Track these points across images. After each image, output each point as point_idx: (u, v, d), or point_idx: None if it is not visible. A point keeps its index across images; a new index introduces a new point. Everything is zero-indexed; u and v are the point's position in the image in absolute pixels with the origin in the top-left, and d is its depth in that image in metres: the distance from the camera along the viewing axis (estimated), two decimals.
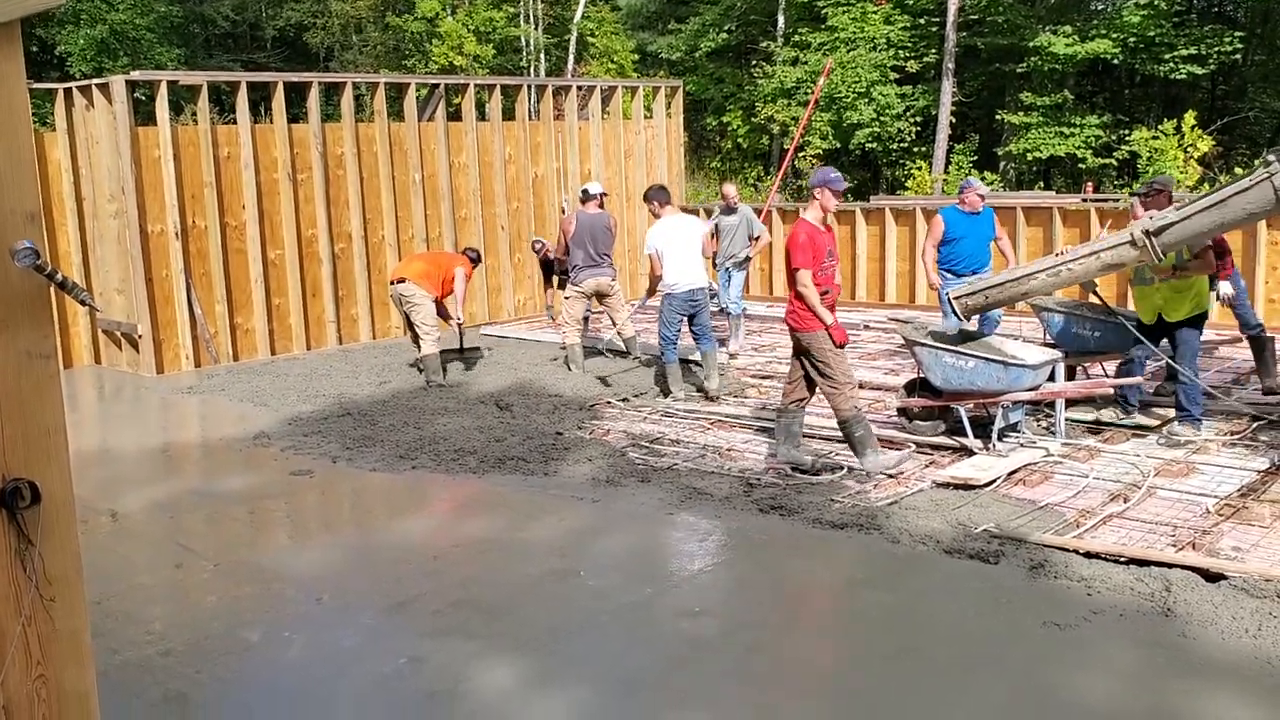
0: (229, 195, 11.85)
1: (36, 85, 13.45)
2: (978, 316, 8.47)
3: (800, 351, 7.13)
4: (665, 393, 9.38)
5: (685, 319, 9.25)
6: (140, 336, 11.38)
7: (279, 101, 12.16)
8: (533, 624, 5.07)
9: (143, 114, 12.11)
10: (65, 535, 2.51)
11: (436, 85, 14.20)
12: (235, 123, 12.01)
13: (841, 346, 7.02)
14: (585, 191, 10.79)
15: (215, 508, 7.05)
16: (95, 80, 11.59)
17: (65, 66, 26.07)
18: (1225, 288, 8.11)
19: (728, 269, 11.26)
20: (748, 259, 11.37)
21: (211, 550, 6.29)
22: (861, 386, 9.54)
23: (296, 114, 13.21)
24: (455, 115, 14.07)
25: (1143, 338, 7.48)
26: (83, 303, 2.59)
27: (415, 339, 10.52)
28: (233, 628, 5.12)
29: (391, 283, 10.58)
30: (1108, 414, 7.87)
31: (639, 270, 15.57)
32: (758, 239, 11.34)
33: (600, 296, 10.48)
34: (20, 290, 2.45)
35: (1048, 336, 8.64)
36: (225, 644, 4.95)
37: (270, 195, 12.14)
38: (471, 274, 10.83)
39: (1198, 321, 7.51)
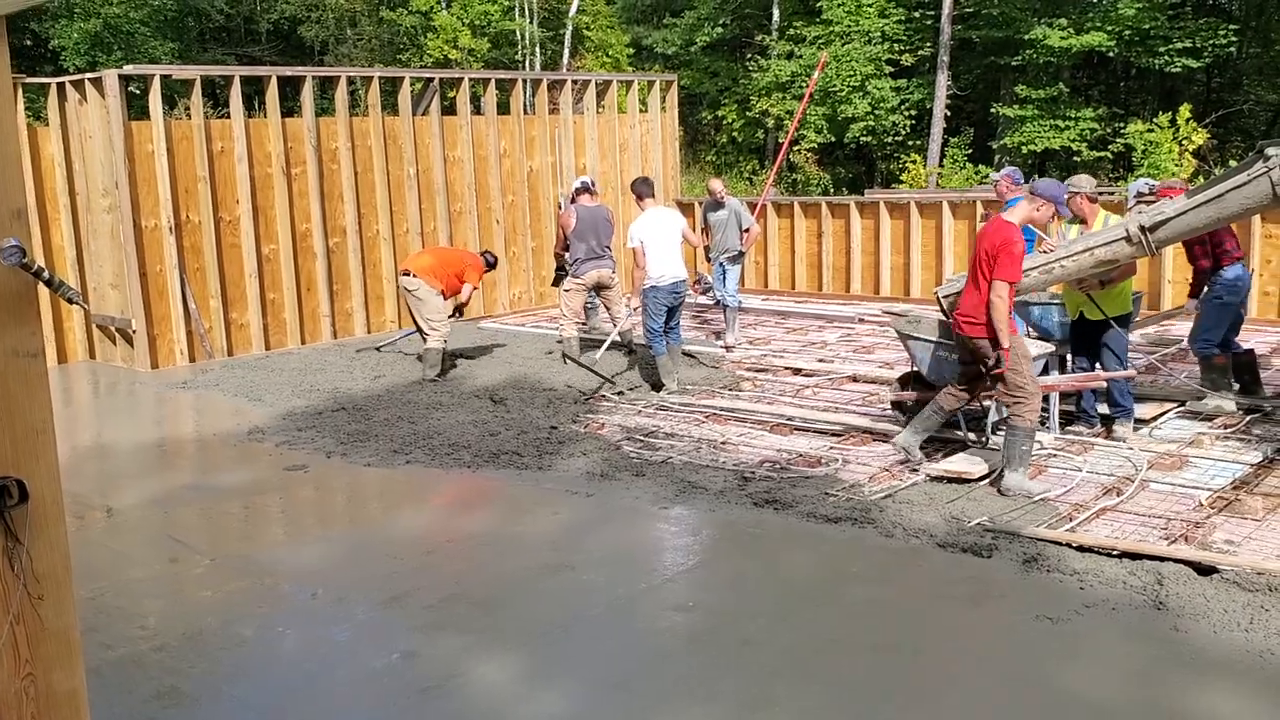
0: (223, 190, 11.83)
1: (30, 80, 13.40)
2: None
3: (975, 358, 6.59)
4: (656, 386, 9.38)
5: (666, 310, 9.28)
6: (134, 331, 11.36)
7: (273, 95, 12.14)
8: (526, 618, 5.07)
9: (136, 108, 12.09)
10: (53, 534, 2.51)
11: (431, 79, 14.16)
12: (229, 117, 11.98)
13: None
14: (581, 186, 10.80)
15: (210, 503, 7.04)
16: (88, 75, 11.56)
17: (59, 61, 25.97)
18: (1191, 304, 8.15)
19: (722, 263, 11.27)
20: (741, 254, 11.38)
21: (206, 545, 6.28)
22: (855, 380, 9.57)
23: (290, 108, 13.20)
24: (450, 109, 14.04)
25: (1116, 329, 7.43)
26: (70, 300, 2.58)
27: (419, 330, 10.47)
28: (227, 623, 5.12)
29: (399, 274, 10.58)
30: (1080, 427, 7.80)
31: (633, 264, 15.55)
32: (748, 231, 11.35)
33: (600, 288, 10.52)
34: (7, 288, 2.44)
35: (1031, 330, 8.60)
36: (219, 639, 4.95)
37: (264, 190, 12.12)
38: (479, 280, 10.71)
39: (1123, 320, 7.49)
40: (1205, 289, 8.05)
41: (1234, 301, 8.00)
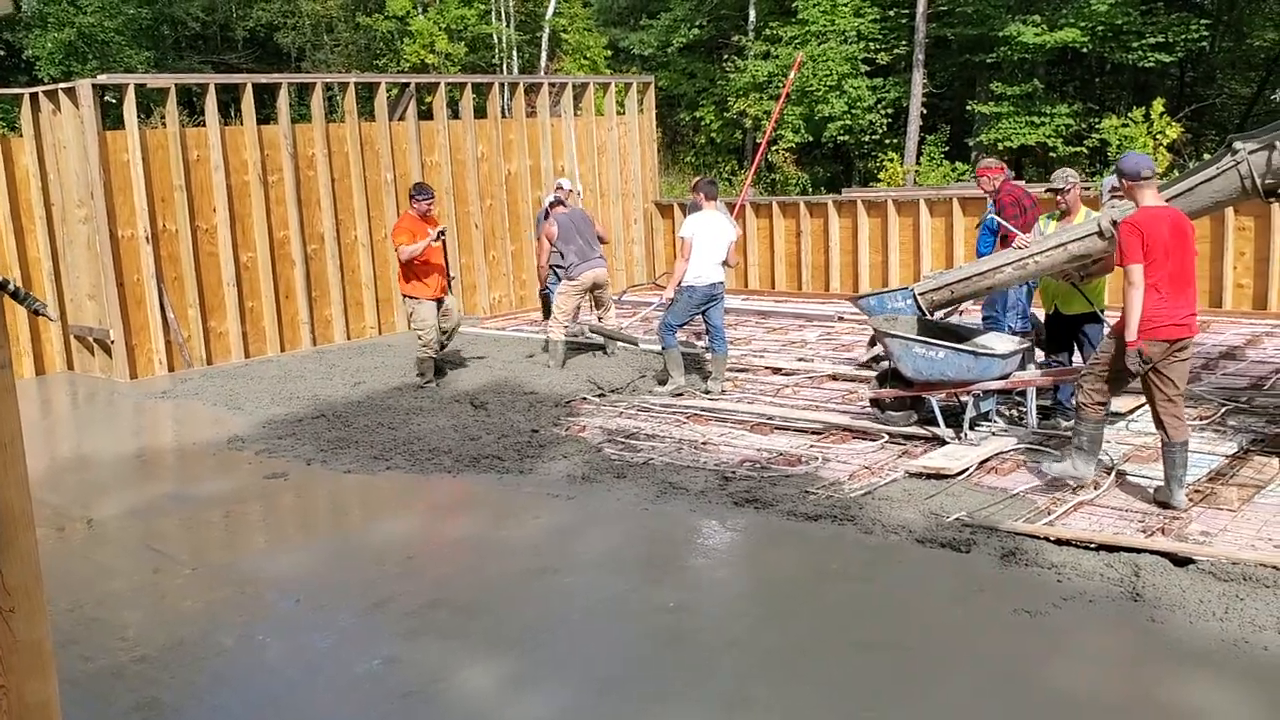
0: (199, 198, 11.78)
1: (3, 90, 13.34)
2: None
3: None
4: (663, 380, 9.38)
5: (701, 312, 9.29)
6: (112, 342, 11.30)
7: (249, 103, 12.09)
8: (509, 622, 5.07)
9: (111, 118, 12.01)
10: (24, 546, 2.49)
11: (408, 84, 14.13)
12: (205, 125, 11.93)
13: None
14: (555, 200, 10.94)
15: (190, 512, 7.02)
16: (62, 84, 11.49)
17: (34, 70, 25.79)
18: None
19: None
20: None
21: (186, 555, 6.26)
22: (835, 378, 9.61)
23: (267, 115, 13.15)
24: (427, 114, 14.02)
25: (1101, 321, 7.47)
26: (36, 312, 2.57)
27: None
28: (208, 632, 5.11)
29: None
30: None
31: (615, 265, 15.55)
32: None
33: (595, 288, 10.58)
34: None
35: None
36: (200, 648, 4.94)
37: (241, 197, 12.07)
38: (408, 228, 9.85)
39: (1098, 317, 7.53)
40: None
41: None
